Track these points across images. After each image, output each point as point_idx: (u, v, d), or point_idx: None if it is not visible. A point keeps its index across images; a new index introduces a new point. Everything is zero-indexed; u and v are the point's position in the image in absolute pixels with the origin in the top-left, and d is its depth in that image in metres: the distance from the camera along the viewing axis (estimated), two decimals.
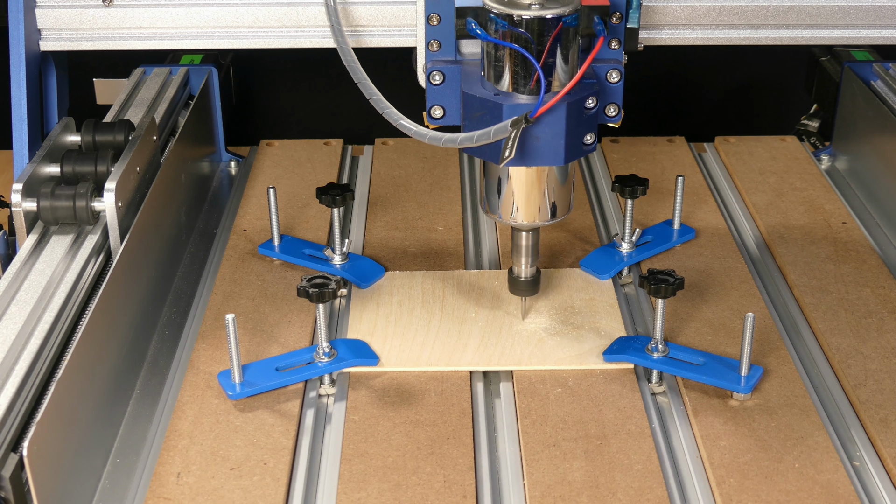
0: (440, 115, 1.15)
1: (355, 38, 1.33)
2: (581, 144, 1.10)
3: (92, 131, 1.30)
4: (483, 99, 1.08)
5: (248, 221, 1.46)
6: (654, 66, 1.95)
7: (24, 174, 1.19)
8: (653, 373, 1.16)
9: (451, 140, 1.09)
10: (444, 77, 1.14)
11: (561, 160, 1.09)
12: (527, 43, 1.05)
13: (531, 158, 1.09)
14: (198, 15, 1.37)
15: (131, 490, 1.03)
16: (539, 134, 1.07)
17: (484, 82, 1.10)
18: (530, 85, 1.07)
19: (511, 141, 1.04)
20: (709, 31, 1.36)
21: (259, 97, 2.00)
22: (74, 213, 1.17)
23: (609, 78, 1.13)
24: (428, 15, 1.15)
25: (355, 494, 1.00)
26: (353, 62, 1.20)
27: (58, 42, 1.38)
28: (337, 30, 1.24)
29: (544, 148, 1.08)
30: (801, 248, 1.39)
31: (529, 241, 1.20)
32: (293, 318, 1.25)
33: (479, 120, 1.08)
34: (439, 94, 1.15)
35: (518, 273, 1.22)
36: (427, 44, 1.16)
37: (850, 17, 1.36)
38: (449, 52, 1.16)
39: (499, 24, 1.06)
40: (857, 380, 1.15)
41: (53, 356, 1.03)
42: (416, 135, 1.12)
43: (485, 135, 1.06)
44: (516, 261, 1.21)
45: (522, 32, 1.05)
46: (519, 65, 1.07)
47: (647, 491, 1.00)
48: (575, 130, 1.08)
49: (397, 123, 1.14)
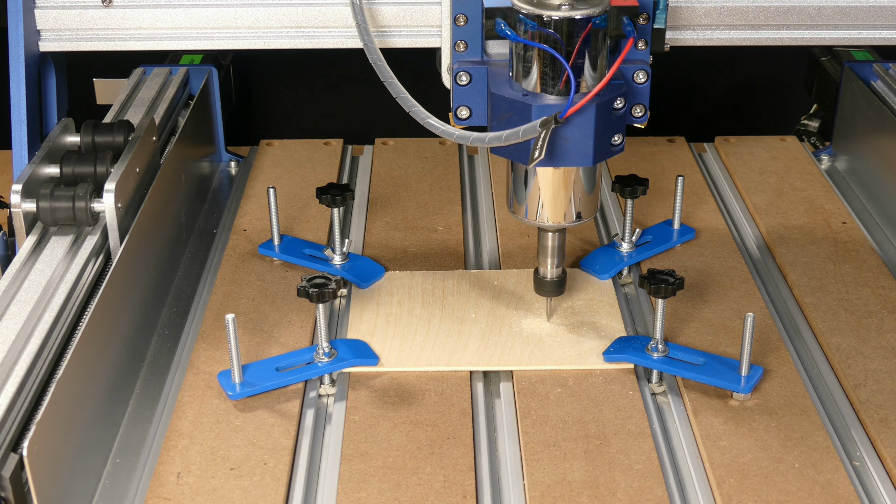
0: (466, 115, 1.15)
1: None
2: (609, 145, 1.10)
3: (91, 132, 1.30)
4: (512, 100, 1.08)
5: (248, 221, 1.46)
6: (654, 66, 1.95)
7: (24, 175, 1.19)
8: (653, 373, 1.16)
9: (479, 139, 1.08)
10: (470, 77, 1.14)
11: (590, 161, 1.09)
12: (556, 43, 1.05)
13: (560, 159, 1.09)
14: (197, 15, 1.37)
15: (131, 490, 1.03)
16: (568, 135, 1.07)
17: (512, 83, 1.10)
18: (559, 86, 1.07)
19: (541, 141, 1.04)
20: (709, 31, 1.36)
21: (259, 97, 2.00)
22: (74, 214, 1.17)
23: (636, 79, 1.13)
24: (455, 16, 1.15)
25: (355, 494, 1.00)
26: (379, 61, 1.20)
27: (57, 43, 1.38)
28: (363, 28, 1.24)
29: (573, 149, 1.08)
30: (801, 248, 1.39)
31: (556, 241, 1.19)
32: (293, 318, 1.25)
33: (508, 121, 1.08)
34: (466, 95, 1.14)
35: (544, 274, 1.22)
36: (454, 44, 1.16)
37: (850, 17, 1.36)
38: (476, 53, 1.16)
39: (528, 25, 1.06)
40: (857, 380, 1.15)
41: (53, 356, 1.03)
42: (444, 133, 1.11)
43: (513, 134, 1.06)
44: (542, 262, 1.21)
45: (552, 33, 1.05)
46: (548, 65, 1.07)
47: (647, 491, 1.00)
48: (603, 131, 1.08)
49: (424, 122, 1.13)
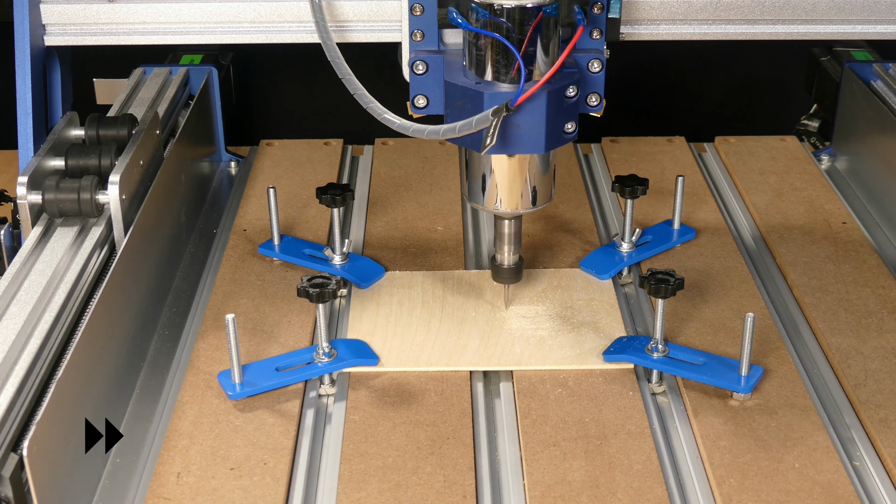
0: (423, 104, 1.16)
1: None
2: (562, 133, 1.11)
3: (96, 125, 1.31)
4: (465, 88, 1.09)
5: (248, 221, 1.46)
6: (654, 65, 1.95)
7: (29, 167, 1.20)
8: (653, 373, 1.16)
9: (434, 132, 1.10)
10: (427, 67, 1.15)
11: (542, 148, 1.10)
12: (508, 32, 1.06)
13: (512, 146, 1.10)
14: (200, 10, 1.38)
15: (131, 490, 1.03)
16: (520, 122, 1.08)
17: (466, 71, 1.12)
18: (511, 74, 1.08)
19: (492, 129, 1.05)
20: (705, 26, 1.36)
21: (259, 97, 2.00)
22: (79, 205, 1.19)
23: (590, 68, 1.15)
24: (412, 5, 1.16)
25: (355, 494, 1.00)
26: (337, 58, 1.21)
27: (62, 37, 1.39)
28: (321, 26, 1.25)
29: (525, 136, 1.09)
30: (801, 248, 1.39)
31: (512, 228, 1.21)
32: (293, 318, 1.25)
33: (461, 109, 1.10)
34: (423, 84, 1.16)
35: (501, 261, 1.23)
36: (411, 34, 1.17)
37: (845, 12, 1.37)
38: (432, 42, 1.17)
39: (480, 13, 1.07)
40: (857, 380, 1.15)
41: (53, 356, 1.03)
42: (400, 128, 1.13)
43: (467, 125, 1.07)
44: (499, 248, 1.23)
45: (503, 21, 1.06)
46: (500, 54, 1.08)
47: (647, 491, 1.00)
48: (555, 119, 1.10)
49: (381, 117, 1.15)
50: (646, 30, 1.36)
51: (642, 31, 1.36)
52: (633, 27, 1.35)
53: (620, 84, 2.01)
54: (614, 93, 2.03)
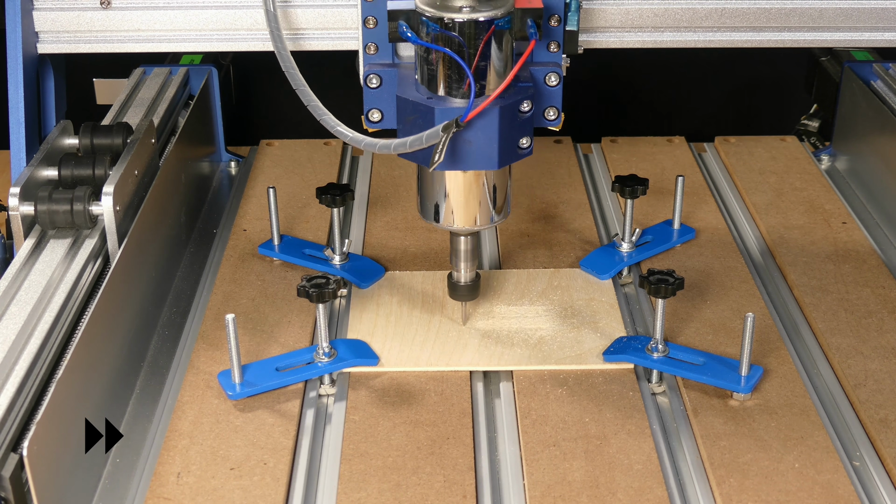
0: (378, 118, 1.14)
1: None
2: (516, 148, 1.09)
3: (90, 134, 1.29)
4: (416, 103, 1.07)
5: (248, 221, 1.46)
6: (653, 66, 1.95)
7: (22, 178, 1.18)
8: (653, 373, 1.16)
9: (385, 146, 1.07)
10: (381, 80, 1.12)
11: (495, 164, 1.08)
12: (458, 46, 1.04)
13: (465, 162, 1.08)
14: (196, 17, 1.36)
15: (131, 490, 1.03)
16: (471, 138, 1.06)
17: (418, 86, 1.09)
18: (463, 88, 1.06)
19: (441, 145, 1.03)
20: (710, 33, 1.36)
21: (259, 97, 1.99)
22: (72, 216, 1.17)
23: (548, 81, 1.12)
24: (365, 18, 1.14)
25: (355, 494, 1.00)
26: (291, 68, 1.19)
27: (55, 45, 1.37)
28: (276, 35, 1.23)
29: (477, 152, 1.07)
30: (801, 248, 1.39)
31: (469, 245, 1.19)
32: (293, 318, 1.25)
33: (413, 124, 1.07)
34: (377, 98, 1.13)
35: (458, 278, 1.21)
36: (364, 47, 1.15)
37: (852, 19, 1.36)
38: (386, 56, 1.15)
39: (430, 28, 1.05)
40: (857, 380, 1.15)
41: (53, 356, 1.03)
42: (353, 141, 1.11)
43: (417, 140, 1.05)
44: (455, 265, 1.21)
45: (454, 36, 1.04)
46: (451, 68, 1.05)
47: (647, 491, 1.00)
48: (509, 134, 1.07)
49: (334, 130, 1.13)
50: (649, 37, 1.35)
51: (645, 38, 1.34)
52: (637, 34, 1.33)
53: (620, 84, 2.01)
54: (614, 93, 2.04)
